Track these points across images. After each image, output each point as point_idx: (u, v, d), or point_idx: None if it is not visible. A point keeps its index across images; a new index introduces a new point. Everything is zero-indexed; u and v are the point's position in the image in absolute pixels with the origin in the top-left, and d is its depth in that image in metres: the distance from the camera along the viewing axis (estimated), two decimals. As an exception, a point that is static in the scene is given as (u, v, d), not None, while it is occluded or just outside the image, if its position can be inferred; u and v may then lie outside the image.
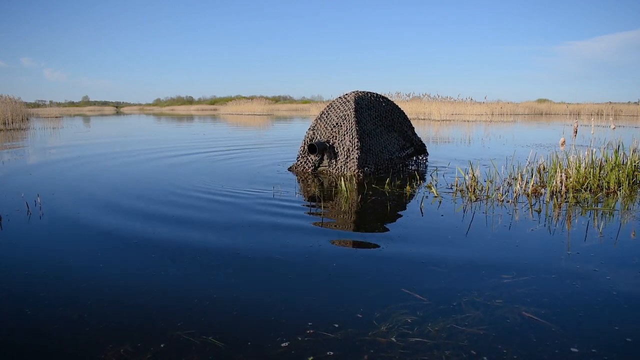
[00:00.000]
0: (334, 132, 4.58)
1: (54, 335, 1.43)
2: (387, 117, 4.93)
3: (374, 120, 4.76)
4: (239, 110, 35.78)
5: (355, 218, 2.87)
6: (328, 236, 2.48)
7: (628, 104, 26.98)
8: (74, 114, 34.12)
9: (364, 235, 2.49)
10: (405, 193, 3.57)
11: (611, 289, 1.75)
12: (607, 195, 3.43)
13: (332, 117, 4.65)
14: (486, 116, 21.55)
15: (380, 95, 4.98)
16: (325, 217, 2.86)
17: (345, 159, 4.47)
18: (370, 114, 4.72)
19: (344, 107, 4.61)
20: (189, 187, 3.88)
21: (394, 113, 5.04)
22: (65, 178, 4.43)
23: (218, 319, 1.53)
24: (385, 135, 4.85)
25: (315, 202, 3.29)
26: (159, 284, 1.82)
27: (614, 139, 6.01)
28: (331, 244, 2.35)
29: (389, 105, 5.00)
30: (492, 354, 1.31)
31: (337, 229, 2.62)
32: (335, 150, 4.56)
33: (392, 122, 4.98)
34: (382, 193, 3.57)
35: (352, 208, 3.09)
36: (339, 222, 2.76)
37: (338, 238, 2.45)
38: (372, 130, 4.67)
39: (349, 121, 4.48)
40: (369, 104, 4.78)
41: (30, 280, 1.86)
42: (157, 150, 7.00)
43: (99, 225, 2.67)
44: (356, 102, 4.63)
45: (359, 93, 4.78)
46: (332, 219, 2.83)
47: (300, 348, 1.35)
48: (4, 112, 14.32)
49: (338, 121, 4.57)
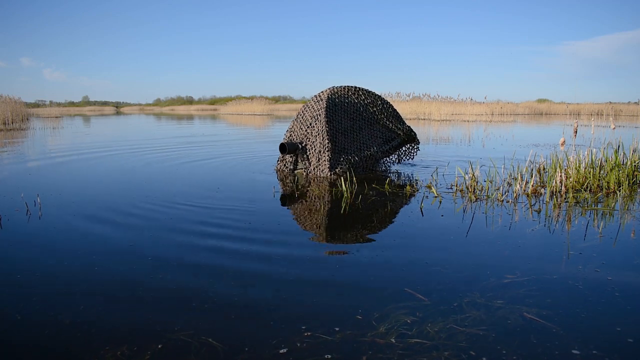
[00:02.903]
0: (307, 133, 4.46)
1: (51, 336, 1.42)
2: (367, 110, 4.72)
3: (352, 115, 4.57)
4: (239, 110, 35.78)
5: (356, 218, 2.87)
6: (328, 236, 2.47)
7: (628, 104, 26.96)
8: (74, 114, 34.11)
9: (364, 236, 2.48)
10: (406, 193, 3.57)
11: (613, 289, 1.74)
12: (607, 195, 3.43)
13: (306, 117, 4.54)
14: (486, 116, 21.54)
15: (359, 88, 4.77)
16: (325, 217, 2.85)
17: (317, 160, 4.35)
18: (346, 109, 4.54)
19: (317, 107, 4.47)
20: (191, 187, 3.88)
21: (375, 105, 4.81)
22: (65, 178, 4.42)
23: (217, 320, 1.52)
24: (366, 130, 4.66)
25: (316, 202, 3.28)
26: (159, 284, 1.81)
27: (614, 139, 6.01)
28: (331, 244, 2.34)
29: (369, 98, 4.78)
30: (492, 355, 1.30)
31: (337, 229, 2.61)
32: (307, 151, 4.45)
33: (373, 115, 4.76)
34: (382, 193, 3.56)
35: (352, 208, 3.08)
36: (339, 222, 2.75)
37: (338, 238, 2.44)
38: (348, 127, 4.49)
39: (320, 121, 4.34)
40: (345, 99, 4.59)
41: (29, 281, 1.85)
42: (157, 151, 6.99)
43: (98, 225, 2.66)
44: (329, 99, 4.47)
45: (334, 89, 4.61)
46: (332, 219, 2.82)
47: (300, 348, 1.34)
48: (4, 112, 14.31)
49: (311, 121, 4.45)
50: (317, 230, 2.59)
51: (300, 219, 2.88)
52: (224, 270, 1.95)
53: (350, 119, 4.56)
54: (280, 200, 3.36)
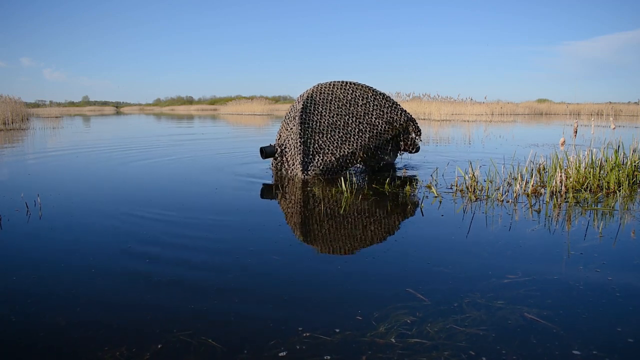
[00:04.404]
0: (287, 134, 4.42)
1: (50, 337, 1.42)
2: (354, 104, 4.48)
3: (335, 110, 4.40)
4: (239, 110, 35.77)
5: (356, 218, 2.86)
6: (328, 236, 2.47)
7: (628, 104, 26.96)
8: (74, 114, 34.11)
9: (363, 236, 2.48)
10: (406, 193, 3.56)
11: (613, 289, 1.74)
12: (607, 195, 3.42)
13: (289, 117, 4.51)
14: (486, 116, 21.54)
15: (347, 82, 4.56)
16: (325, 216, 2.85)
17: (293, 162, 4.31)
18: (328, 106, 4.39)
19: (296, 107, 4.41)
20: (192, 186, 3.88)
21: (367, 97, 4.54)
22: (65, 178, 4.42)
23: (217, 321, 1.52)
24: (351, 125, 4.42)
25: (316, 201, 3.28)
26: (159, 284, 1.81)
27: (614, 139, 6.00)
28: (331, 244, 2.34)
29: (358, 91, 4.53)
30: (491, 355, 1.30)
31: (337, 228, 2.61)
32: (285, 153, 4.41)
33: (361, 108, 4.50)
34: (382, 193, 3.56)
35: (352, 208, 3.08)
36: (339, 222, 2.75)
37: (338, 238, 2.44)
38: (330, 123, 4.33)
39: (296, 123, 4.29)
40: (329, 95, 4.44)
41: (28, 281, 1.85)
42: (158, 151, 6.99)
43: (98, 225, 2.66)
44: (308, 99, 4.37)
45: (319, 86, 4.50)
46: (332, 218, 2.82)
47: (300, 350, 1.34)
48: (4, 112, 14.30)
49: (291, 123, 4.41)
50: (317, 229, 2.59)
51: (300, 218, 2.88)
52: (224, 271, 1.95)
53: (331, 116, 4.38)
54: (280, 200, 3.35)
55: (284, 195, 3.51)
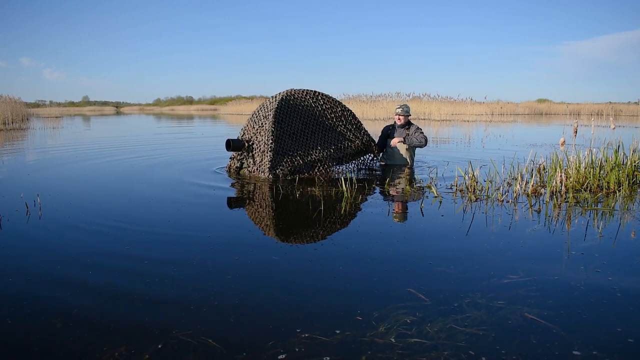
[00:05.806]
0: (256, 132, 4.43)
1: (49, 337, 1.42)
2: (323, 116, 4.62)
3: (305, 119, 4.49)
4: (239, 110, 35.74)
5: (356, 218, 2.86)
6: (328, 236, 2.47)
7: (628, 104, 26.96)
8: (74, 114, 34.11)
9: (364, 235, 2.48)
10: (406, 193, 3.56)
11: (614, 290, 1.74)
12: (607, 195, 3.42)
13: (260, 115, 4.51)
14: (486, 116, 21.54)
15: (319, 93, 4.68)
16: (326, 217, 2.85)
17: (260, 160, 4.31)
18: (300, 112, 4.47)
19: (270, 107, 4.43)
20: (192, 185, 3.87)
21: (334, 111, 4.69)
22: (65, 178, 4.42)
23: (216, 321, 1.52)
24: (319, 135, 4.55)
25: (316, 202, 3.28)
26: (158, 284, 1.81)
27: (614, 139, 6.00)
28: (331, 244, 2.34)
29: (328, 104, 4.68)
30: (491, 355, 1.30)
31: (337, 229, 2.61)
32: (252, 150, 4.41)
33: (330, 121, 4.66)
34: (382, 193, 3.55)
35: (352, 208, 3.07)
36: (340, 222, 2.75)
37: (338, 238, 2.43)
38: (299, 130, 4.42)
39: (269, 122, 4.29)
40: (302, 102, 4.53)
41: (27, 281, 1.85)
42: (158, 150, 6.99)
43: (97, 226, 2.66)
44: (283, 100, 4.41)
45: (292, 91, 4.56)
46: (333, 219, 2.81)
47: (298, 351, 1.34)
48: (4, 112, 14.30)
49: (262, 121, 4.42)
50: (317, 229, 2.59)
51: (300, 218, 2.88)
52: (224, 271, 1.95)
53: (302, 122, 4.48)
54: (280, 200, 3.35)
55: (284, 195, 3.51)
